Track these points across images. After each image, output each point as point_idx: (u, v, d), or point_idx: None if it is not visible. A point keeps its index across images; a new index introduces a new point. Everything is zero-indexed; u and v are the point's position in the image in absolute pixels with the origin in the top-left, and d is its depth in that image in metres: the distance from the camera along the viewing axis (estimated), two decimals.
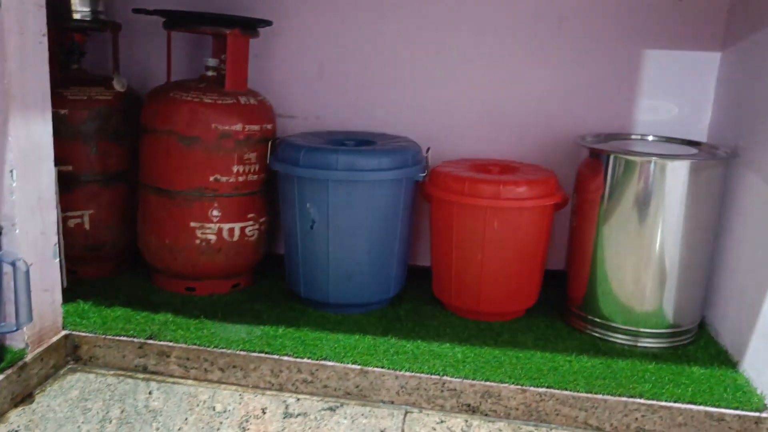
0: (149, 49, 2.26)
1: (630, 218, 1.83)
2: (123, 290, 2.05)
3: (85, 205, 2.05)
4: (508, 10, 2.12)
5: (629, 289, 1.87)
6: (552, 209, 1.95)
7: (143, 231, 2.07)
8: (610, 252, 1.87)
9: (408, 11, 2.16)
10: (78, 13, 2.02)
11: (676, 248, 1.83)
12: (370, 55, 2.21)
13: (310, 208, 1.89)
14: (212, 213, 1.97)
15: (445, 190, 1.91)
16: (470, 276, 1.95)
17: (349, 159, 1.85)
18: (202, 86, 1.99)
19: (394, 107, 2.23)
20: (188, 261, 2.00)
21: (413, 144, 2.02)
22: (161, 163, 1.97)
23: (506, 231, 1.89)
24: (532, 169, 2.01)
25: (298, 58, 2.24)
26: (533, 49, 2.14)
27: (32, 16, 1.56)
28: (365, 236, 1.92)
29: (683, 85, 2.10)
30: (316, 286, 1.97)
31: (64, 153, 1.89)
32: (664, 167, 1.78)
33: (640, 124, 2.14)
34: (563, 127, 2.17)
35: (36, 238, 1.64)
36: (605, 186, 1.85)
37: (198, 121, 1.92)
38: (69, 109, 1.97)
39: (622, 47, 2.10)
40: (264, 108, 2.05)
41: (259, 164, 2.01)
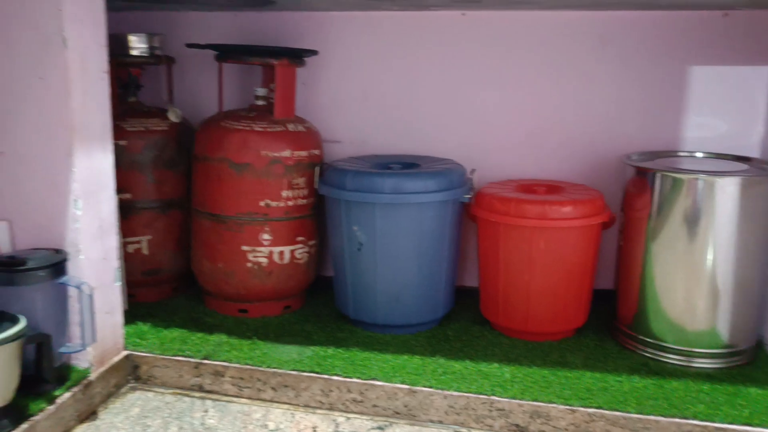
0: (202, 80, 2.36)
1: (679, 236, 1.81)
2: (179, 312, 2.12)
3: (143, 231, 2.14)
4: (550, 32, 2.14)
5: (680, 308, 1.85)
6: (599, 228, 1.94)
7: (197, 255, 2.15)
8: (660, 271, 1.85)
9: (450, 36, 2.20)
10: (135, 49, 2.12)
11: (729, 266, 1.80)
12: (413, 80, 2.25)
13: (357, 230, 1.93)
14: (263, 237, 2.03)
15: (491, 211, 1.93)
16: (518, 296, 1.95)
17: (395, 182, 1.89)
18: (252, 115, 2.06)
19: (439, 130, 2.26)
20: (240, 284, 2.06)
21: (458, 166, 2.05)
22: (213, 189, 2.05)
23: (553, 251, 1.90)
24: (578, 189, 2.01)
25: (343, 86, 2.30)
26: (576, 69, 2.15)
27: (94, 54, 1.65)
28: (412, 258, 1.95)
29: (732, 100, 2.08)
30: (365, 307, 2.01)
31: (122, 182, 1.98)
32: (712, 184, 1.76)
33: (689, 141, 2.12)
34: (609, 146, 2.16)
35: (98, 263, 1.72)
36: (652, 204, 1.84)
37: (248, 148, 1.99)
38: (127, 140, 2.07)
39: (666, 64, 2.09)
40: (311, 134, 2.11)
41: (307, 189, 2.06)
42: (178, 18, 2.35)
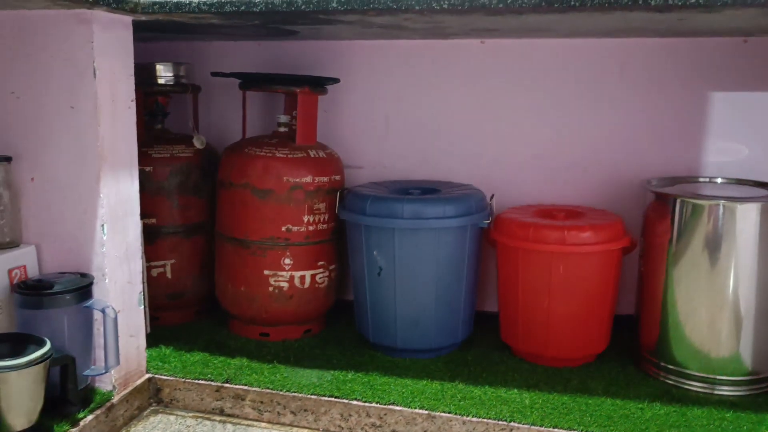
0: (226, 108, 2.41)
1: (700, 262, 1.80)
2: (201, 336, 2.15)
3: (167, 255, 2.18)
4: (569, 59, 2.16)
5: (703, 334, 1.83)
6: (619, 254, 1.94)
7: (220, 279, 2.18)
8: (682, 296, 1.84)
9: (470, 64, 2.23)
10: (162, 78, 2.19)
11: (752, 292, 1.78)
12: (433, 107, 2.28)
13: (376, 255, 1.95)
14: (284, 261, 2.06)
15: (510, 236, 1.94)
16: (537, 321, 1.95)
17: (415, 207, 1.91)
18: (274, 141, 2.10)
19: (459, 156, 2.28)
20: (262, 308, 2.09)
21: (477, 191, 2.06)
22: (236, 214, 2.08)
23: (573, 276, 1.89)
24: (597, 214, 2.01)
25: (365, 112, 2.34)
26: (596, 95, 2.17)
27: (123, 84, 1.71)
28: (431, 283, 1.96)
29: (753, 125, 2.07)
30: (385, 331, 2.02)
31: (148, 207, 2.03)
32: (733, 210, 1.75)
33: (709, 166, 2.12)
34: (629, 171, 2.16)
35: (123, 287, 1.76)
36: (673, 230, 1.83)
37: (271, 174, 2.02)
38: (153, 167, 2.12)
39: (687, 90, 2.10)
40: (332, 160, 2.14)
41: (328, 214, 2.09)
42: (203, 47, 2.42)
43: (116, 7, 1.57)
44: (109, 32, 1.64)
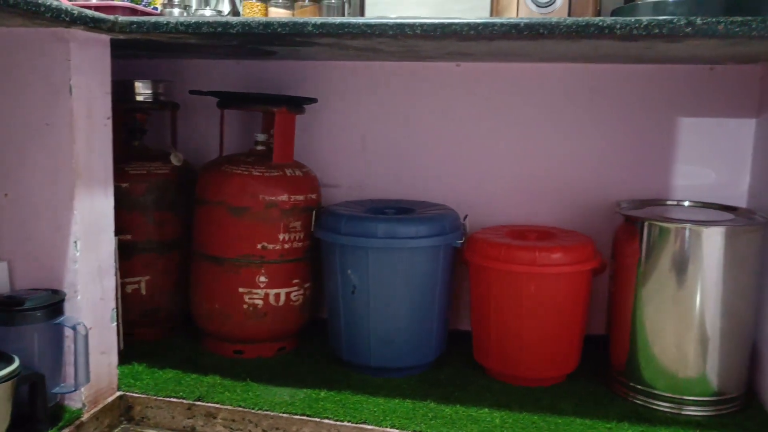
0: (204, 125, 2.43)
1: (668, 284, 1.84)
2: (175, 353, 2.15)
3: (142, 271, 2.18)
4: (542, 82, 2.21)
5: (670, 354, 1.86)
6: (589, 275, 1.97)
7: (195, 296, 2.18)
8: (650, 317, 1.87)
9: (445, 86, 2.27)
10: (141, 95, 2.20)
11: (717, 314, 1.82)
12: (409, 127, 2.32)
13: (350, 274, 1.97)
14: (259, 279, 2.07)
15: (483, 256, 1.97)
16: (509, 341, 1.97)
17: (389, 227, 1.93)
18: (251, 160, 2.12)
19: (434, 176, 2.31)
20: (236, 325, 2.09)
21: (451, 211, 2.09)
22: (212, 231, 2.09)
23: (543, 297, 1.92)
24: (568, 235, 2.05)
25: (341, 131, 2.36)
26: (568, 119, 2.21)
27: (99, 101, 1.72)
28: (405, 301, 1.98)
29: (719, 151, 2.13)
30: (358, 349, 2.03)
31: (124, 223, 2.03)
32: (699, 234, 1.79)
33: (678, 190, 2.16)
34: (600, 193, 2.21)
35: (96, 304, 1.76)
36: (641, 252, 1.87)
37: (247, 192, 2.04)
38: (130, 183, 2.13)
39: (656, 115, 2.15)
40: (309, 179, 2.16)
41: (303, 232, 2.11)
42: (183, 65, 2.44)
43: (94, 27, 1.59)
44: (86, 50, 1.66)
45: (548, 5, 1.80)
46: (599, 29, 1.45)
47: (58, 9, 1.43)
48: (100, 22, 1.59)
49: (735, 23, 1.39)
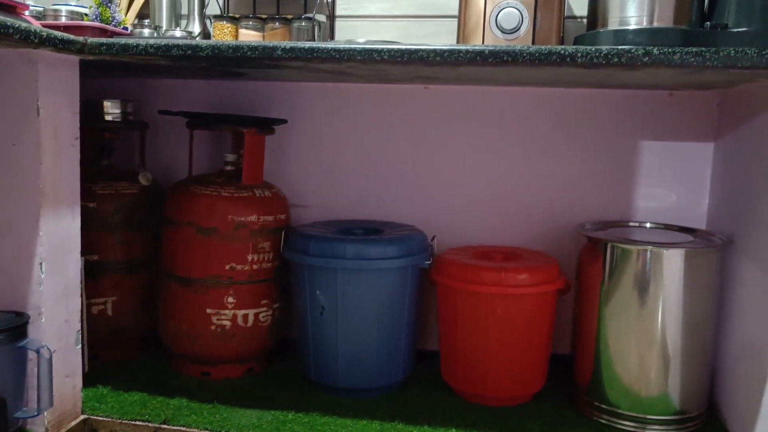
0: (174, 145, 2.42)
1: (630, 304, 1.88)
2: (142, 375, 2.13)
3: (109, 292, 2.16)
4: (509, 105, 2.25)
5: (633, 373, 1.90)
6: (554, 295, 2.01)
7: (162, 317, 2.17)
8: (613, 337, 1.91)
9: (414, 108, 2.31)
10: (109, 115, 2.19)
11: (678, 333, 1.86)
12: (379, 148, 2.34)
13: (319, 295, 1.98)
14: (228, 300, 2.06)
15: (450, 277, 1.99)
16: (476, 361, 2.00)
17: (357, 248, 1.95)
18: (220, 180, 2.12)
19: (402, 197, 2.34)
20: (204, 346, 2.08)
21: (419, 232, 2.12)
22: (180, 252, 2.09)
23: (509, 317, 1.95)
24: (534, 256, 2.08)
25: (312, 152, 2.38)
26: (534, 141, 2.26)
27: (67, 122, 1.71)
28: (373, 322, 1.99)
29: (680, 174, 2.19)
30: (326, 370, 2.03)
31: (91, 243, 2.02)
32: (660, 255, 1.84)
33: (640, 212, 2.22)
34: (566, 214, 2.25)
35: (60, 326, 1.74)
36: (605, 273, 1.91)
37: (215, 213, 2.04)
38: (97, 203, 2.11)
39: (619, 138, 2.21)
40: (278, 199, 2.17)
41: (272, 252, 2.11)
42: (153, 84, 2.43)
43: (62, 48, 1.59)
44: (54, 71, 1.66)
45: (513, 32, 1.85)
46: (561, 57, 1.49)
47: (27, 31, 1.43)
48: (69, 43, 1.59)
49: (690, 54, 1.45)
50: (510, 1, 1.85)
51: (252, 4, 2.34)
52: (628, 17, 1.71)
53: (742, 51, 1.44)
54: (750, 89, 1.88)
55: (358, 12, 2.33)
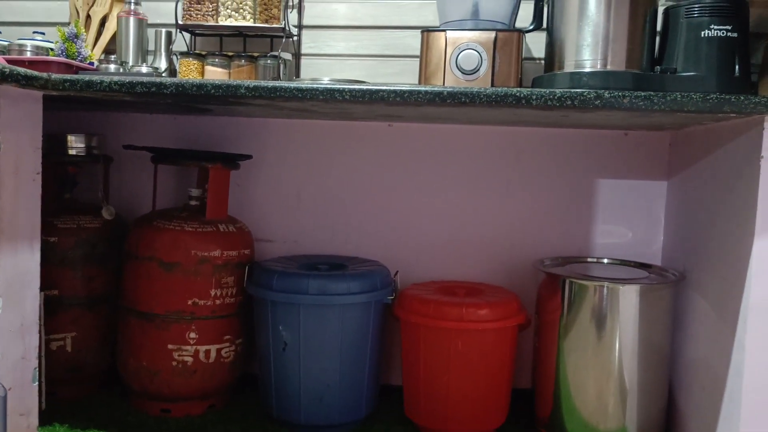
0: (138, 179, 2.42)
1: (588, 338, 1.92)
2: (100, 412, 2.09)
3: (68, 327, 2.13)
4: (470, 143, 2.31)
5: (592, 407, 1.93)
6: (515, 330, 2.04)
7: (122, 353, 2.14)
8: (572, 371, 1.95)
9: (378, 145, 2.35)
10: (73, 149, 2.19)
11: (634, 366, 1.91)
12: (343, 184, 2.37)
13: (282, 330, 1.98)
14: (189, 335, 2.05)
15: (412, 312, 2.01)
16: (438, 396, 2.01)
17: (320, 283, 1.96)
18: (184, 215, 2.13)
19: (366, 232, 2.36)
20: (164, 383, 2.06)
21: (382, 268, 2.14)
22: (142, 287, 2.07)
23: (471, 352, 1.97)
24: (495, 292, 2.12)
25: (276, 187, 2.40)
26: (496, 178, 2.31)
27: (28, 157, 1.71)
28: (336, 358, 1.99)
29: (635, 211, 2.26)
30: (288, 407, 2.02)
31: (51, 278, 2.00)
32: (616, 291, 1.89)
33: (598, 247, 2.27)
34: (526, 250, 2.29)
35: (16, 363, 1.71)
36: (563, 307, 1.95)
37: (178, 248, 2.04)
38: (58, 237, 2.10)
39: (576, 176, 2.27)
40: (242, 234, 2.17)
41: (236, 287, 2.11)
42: (118, 118, 2.44)
43: (26, 84, 1.59)
44: (17, 106, 1.65)
45: (473, 73, 1.91)
46: (517, 99, 1.54)
47: None
48: (32, 79, 1.60)
49: (639, 98, 1.51)
50: (470, 44, 1.91)
51: (218, 41, 2.37)
52: (583, 60, 1.79)
53: (688, 95, 1.51)
54: (698, 131, 1.96)
55: (324, 51, 2.38)
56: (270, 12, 2.19)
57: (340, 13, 2.37)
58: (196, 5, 2.21)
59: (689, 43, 1.72)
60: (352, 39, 2.38)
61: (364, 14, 2.36)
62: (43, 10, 2.49)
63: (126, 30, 2.27)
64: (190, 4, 2.21)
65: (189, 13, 2.21)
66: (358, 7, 2.36)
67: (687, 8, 1.72)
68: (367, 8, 2.36)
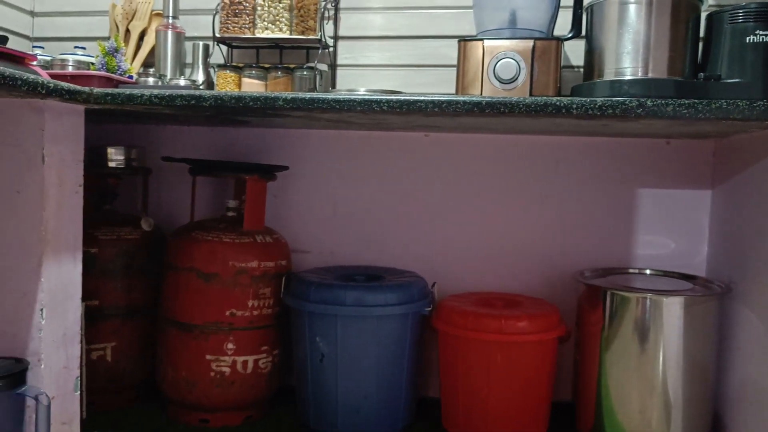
0: (176, 191, 2.45)
1: (630, 351, 1.87)
2: (138, 422, 2.11)
3: (108, 337, 2.16)
4: (508, 152, 2.28)
5: (635, 421, 1.89)
6: (555, 342, 2.00)
7: (161, 363, 2.16)
8: (614, 384, 1.90)
9: (415, 155, 2.34)
10: (113, 161, 2.23)
11: (679, 380, 1.86)
12: (380, 194, 2.36)
13: (319, 341, 1.97)
14: (227, 346, 2.06)
15: (450, 324, 1.99)
16: (477, 408, 1.98)
17: (357, 295, 1.95)
18: (222, 226, 2.14)
19: (403, 243, 2.35)
20: (202, 393, 2.06)
21: (420, 279, 2.12)
22: (181, 297, 2.09)
23: (510, 364, 1.94)
24: (534, 304, 2.08)
25: (313, 198, 2.40)
26: (534, 188, 2.28)
27: (71, 170, 1.74)
28: (373, 370, 1.98)
29: (678, 221, 2.20)
30: (325, 418, 2.01)
31: (91, 288, 2.03)
32: (659, 303, 1.85)
33: (639, 259, 2.23)
34: (565, 261, 2.26)
35: (59, 373, 1.73)
36: (605, 320, 1.91)
37: (217, 258, 2.05)
38: (99, 248, 2.13)
39: (617, 186, 2.23)
40: (279, 245, 2.18)
41: (273, 298, 2.11)
42: (156, 131, 2.47)
43: (69, 98, 1.62)
44: (60, 120, 1.69)
45: (511, 82, 1.89)
46: (557, 109, 1.52)
47: (35, 82, 1.46)
48: (75, 93, 1.63)
49: (682, 106, 1.48)
50: (507, 53, 1.89)
51: (255, 53, 2.39)
52: (624, 68, 1.75)
53: (733, 103, 1.47)
54: (743, 139, 1.91)
55: (360, 61, 2.38)
56: (306, 24, 2.20)
57: (375, 24, 2.37)
58: (233, 18, 2.23)
59: (734, 49, 1.68)
60: (387, 49, 2.38)
61: (400, 24, 2.36)
62: (84, 26, 2.54)
63: (164, 44, 2.30)
64: (227, 17, 2.23)
65: (226, 25, 2.23)
66: (394, 18, 2.36)
67: (731, 13, 1.68)
68: (403, 18, 2.35)
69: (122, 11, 2.43)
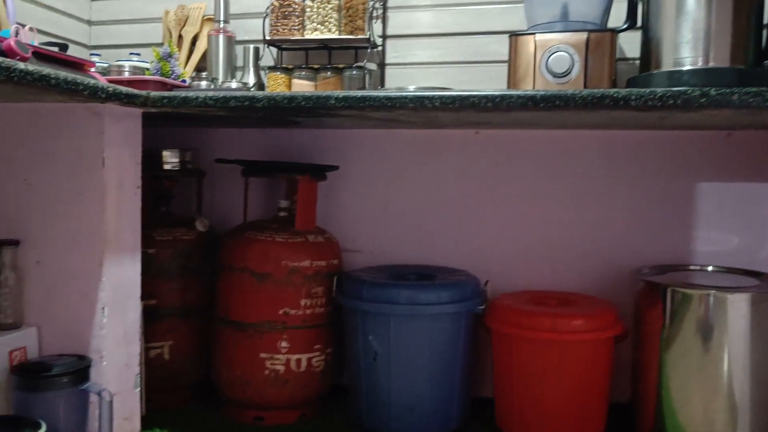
0: (229, 192, 2.48)
1: (693, 351, 1.81)
2: (195, 420, 2.14)
3: (166, 336, 2.20)
4: (560, 148, 2.24)
5: (698, 423, 1.82)
6: (611, 341, 1.95)
7: (216, 362, 2.19)
8: (675, 385, 1.84)
9: (465, 152, 2.32)
10: (168, 163, 2.27)
11: (745, 382, 1.79)
12: (431, 193, 2.35)
13: (372, 340, 1.97)
14: (281, 344, 2.08)
15: (503, 322, 1.96)
16: (531, 408, 1.95)
17: (410, 293, 1.94)
18: (274, 226, 2.16)
19: (454, 241, 2.33)
20: (257, 391, 2.09)
21: (472, 277, 2.10)
22: (235, 297, 2.12)
23: (566, 363, 1.90)
24: (589, 302, 2.04)
25: (364, 198, 2.40)
26: (587, 184, 2.23)
27: (130, 172, 1.78)
28: (426, 368, 1.97)
29: (741, 216, 2.12)
30: (378, 418, 2.01)
31: (149, 288, 2.06)
32: (723, 300, 1.78)
33: (699, 255, 2.15)
34: (621, 258, 2.20)
35: (120, 370, 1.78)
36: (665, 318, 1.86)
37: (270, 258, 2.07)
38: (156, 249, 2.17)
39: (674, 180, 2.17)
40: (331, 245, 2.19)
41: (325, 297, 2.12)
42: (209, 134, 2.52)
43: (127, 102, 1.66)
44: (119, 124, 1.73)
45: (564, 75, 1.85)
46: (614, 101, 1.48)
47: (95, 87, 1.50)
48: (133, 97, 1.67)
49: (749, 94, 1.42)
50: (560, 45, 1.86)
51: (304, 55, 2.41)
52: (683, 58, 1.70)
53: None
54: None
55: (408, 60, 2.38)
56: (355, 23, 2.21)
57: (423, 22, 2.36)
58: (282, 20, 2.25)
59: None
60: (435, 47, 2.36)
61: (448, 22, 2.34)
62: (138, 32, 2.61)
63: (216, 48, 2.35)
64: (276, 19, 2.26)
65: (276, 28, 2.26)
66: (442, 15, 2.35)
67: None
68: (451, 15, 2.34)
69: (175, 17, 2.48)
